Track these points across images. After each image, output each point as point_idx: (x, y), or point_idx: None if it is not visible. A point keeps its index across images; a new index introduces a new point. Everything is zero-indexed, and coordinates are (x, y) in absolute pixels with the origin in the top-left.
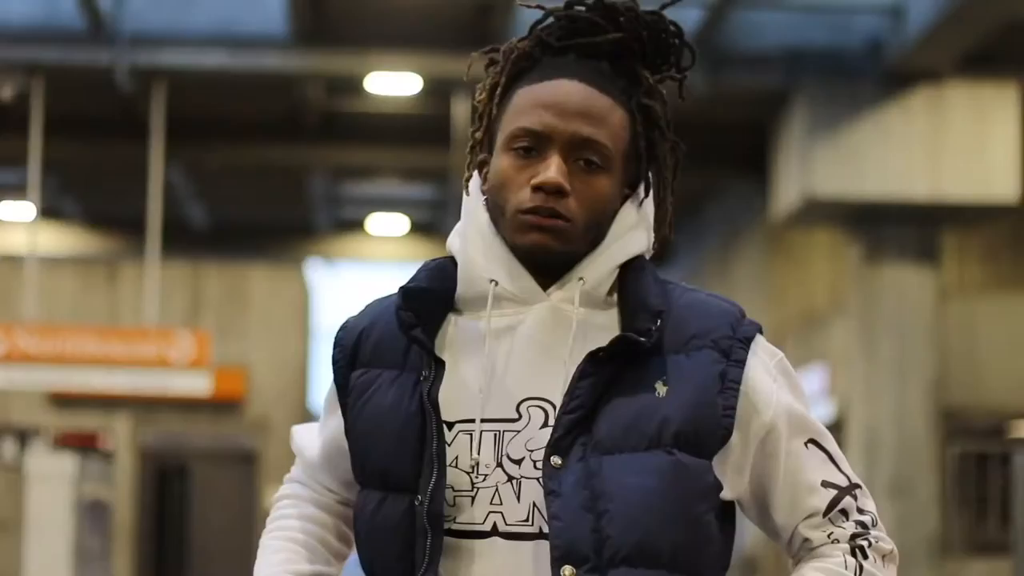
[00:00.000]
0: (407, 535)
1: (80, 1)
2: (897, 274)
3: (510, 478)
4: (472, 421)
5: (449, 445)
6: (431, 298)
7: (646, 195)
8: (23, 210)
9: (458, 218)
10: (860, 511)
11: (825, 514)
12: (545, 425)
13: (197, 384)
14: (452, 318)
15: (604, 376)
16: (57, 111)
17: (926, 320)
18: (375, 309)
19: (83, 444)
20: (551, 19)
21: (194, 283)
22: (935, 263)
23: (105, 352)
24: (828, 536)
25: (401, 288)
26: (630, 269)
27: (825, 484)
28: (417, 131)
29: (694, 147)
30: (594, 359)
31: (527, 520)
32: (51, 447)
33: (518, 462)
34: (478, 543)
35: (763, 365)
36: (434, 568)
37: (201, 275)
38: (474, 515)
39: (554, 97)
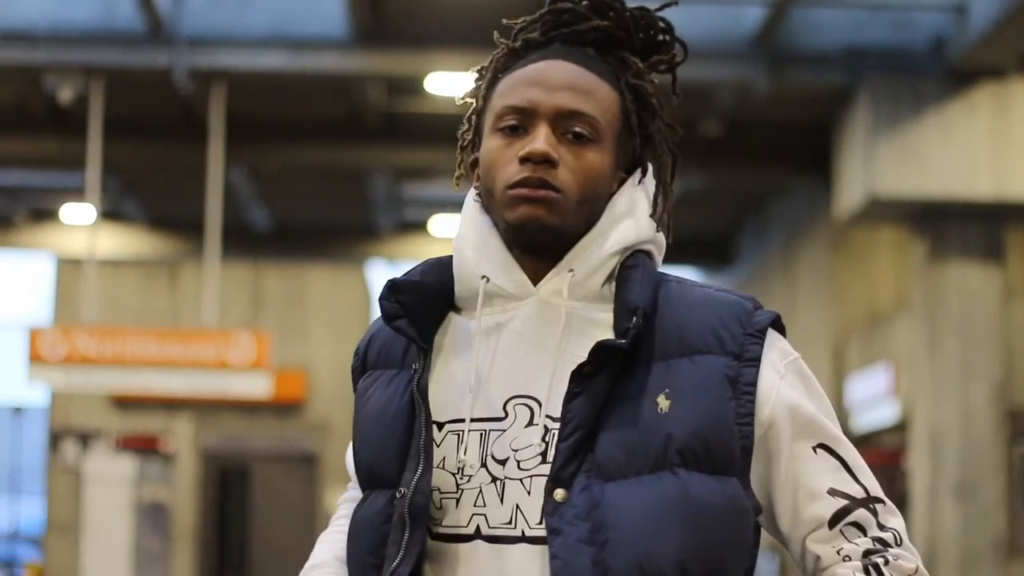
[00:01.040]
0: (383, 530)
1: (139, 3)
2: (962, 273)
3: (494, 479)
4: (461, 421)
5: (438, 446)
6: (424, 293)
7: (643, 176)
8: (83, 212)
9: None
10: (881, 527)
11: (831, 525)
12: (530, 424)
13: (257, 386)
14: (451, 317)
15: (597, 391)
16: (116, 113)
17: (991, 319)
18: None
19: (145, 446)
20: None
21: (255, 285)
22: (1000, 261)
23: (165, 354)
24: (838, 552)
25: (388, 280)
26: (623, 267)
27: (833, 492)
28: None
29: (757, 146)
30: (579, 375)
31: (510, 523)
32: (113, 449)
33: (502, 462)
34: (461, 547)
35: (771, 363)
36: (410, 561)
37: (262, 277)
38: (458, 517)
39: (539, 74)
